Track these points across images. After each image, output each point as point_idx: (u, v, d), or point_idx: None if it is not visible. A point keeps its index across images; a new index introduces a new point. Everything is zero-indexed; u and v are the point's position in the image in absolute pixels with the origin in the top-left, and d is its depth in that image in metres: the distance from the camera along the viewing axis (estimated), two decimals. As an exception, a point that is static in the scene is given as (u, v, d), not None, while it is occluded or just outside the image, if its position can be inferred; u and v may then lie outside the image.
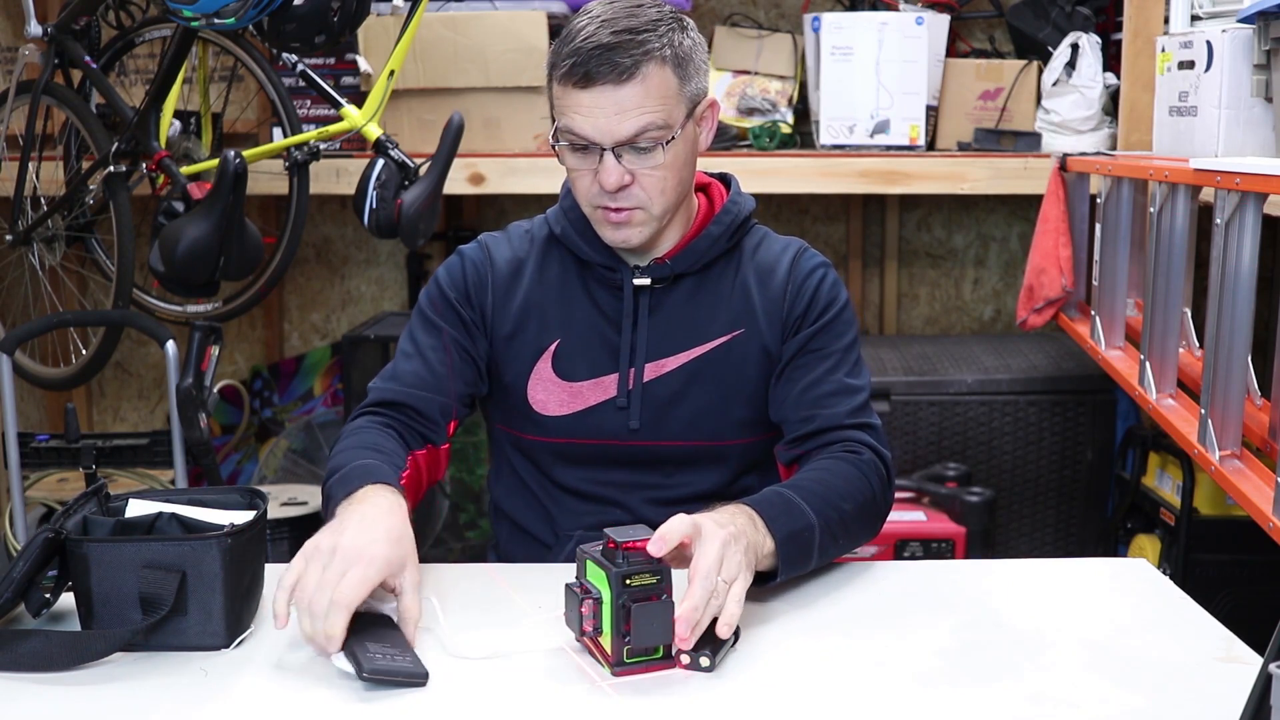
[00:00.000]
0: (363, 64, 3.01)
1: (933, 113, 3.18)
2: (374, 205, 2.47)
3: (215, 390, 2.58)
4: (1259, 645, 1.06)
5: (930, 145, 3.19)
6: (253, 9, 2.37)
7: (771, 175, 3.03)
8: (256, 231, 2.67)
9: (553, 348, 1.58)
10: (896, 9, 3.19)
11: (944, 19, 3.19)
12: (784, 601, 1.36)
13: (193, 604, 1.23)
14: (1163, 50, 2.47)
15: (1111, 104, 3.10)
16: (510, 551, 1.67)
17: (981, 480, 3.05)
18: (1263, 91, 2.17)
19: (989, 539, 2.94)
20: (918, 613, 1.35)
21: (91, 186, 2.85)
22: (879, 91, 3.09)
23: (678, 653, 1.20)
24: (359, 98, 2.84)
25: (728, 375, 1.57)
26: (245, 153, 2.56)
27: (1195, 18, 2.45)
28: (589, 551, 1.21)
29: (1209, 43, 2.23)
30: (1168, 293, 2.13)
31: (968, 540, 2.86)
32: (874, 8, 3.25)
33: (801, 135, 3.30)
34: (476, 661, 1.22)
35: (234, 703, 1.14)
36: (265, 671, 1.21)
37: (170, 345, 2.55)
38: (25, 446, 2.66)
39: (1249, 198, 1.80)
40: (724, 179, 1.67)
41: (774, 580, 1.35)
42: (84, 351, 2.97)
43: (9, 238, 3.02)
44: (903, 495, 2.97)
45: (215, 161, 2.59)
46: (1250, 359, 1.86)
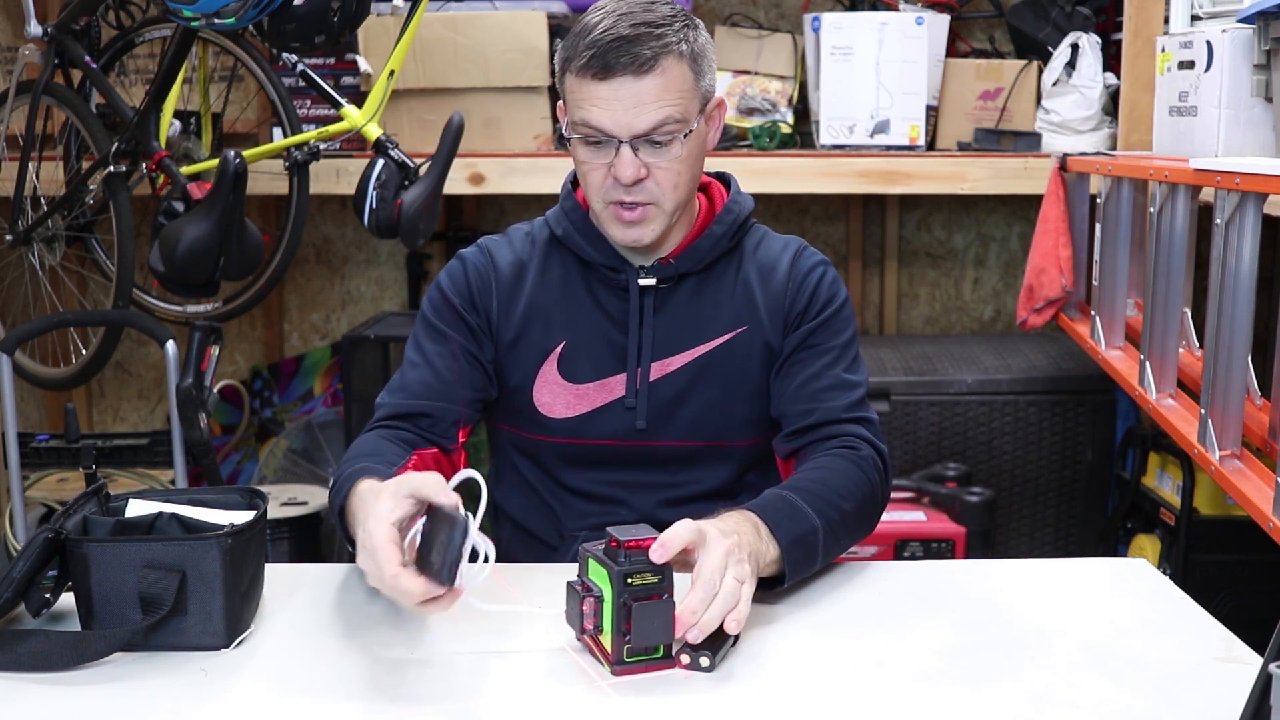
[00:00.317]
0: (363, 64, 3.01)
1: (933, 113, 3.18)
2: (374, 205, 2.47)
3: (215, 390, 2.58)
4: (1259, 645, 1.06)
5: (930, 145, 3.19)
6: (253, 9, 2.37)
7: (771, 175, 3.03)
8: (256, 231, 2.67)
9: (558, 350, 1.58)
10: (896, 9, 3.19)
11: (944, 19, 3.19)
12: (784, 602, 1.36)
13: (193, 604, 1.23)
14: (1163, 50, 2.47)
15: (1111, 104, 3.10)
16: (513, 553, 1.67)
17: (981, 480, 3.04)
18: (1263, 91, 2.17)
19: (989, 539, 2.94)
20: (918, 613, 1.35)
21: (91, 186, 2.85)
22: (879, 91, 3.09)
23: (678, 652, 1.20)
24: (359, 98, 2.84)
25: (731, 373, 1.58)
26: (245, 153, 2.56)
27: (1195, 18, 2.45)
28: (591, 550, 1.21)
29: (1209, 43, 2.23)
30: (1168, 293, 2.13)
31: (968, 540, 2.86)
32: (874, 8, 3.25)
33: (801, 135, 3.30)
34: (477, 661, 1.22)
35: (234, 703, 1.14)
36: (265, 671, 1.21)
37: (170, 345, 2.55)
38: (25, 446, 2.66)
39: (1249, 198, 1.80)
40: (723, 178, 1.67)
41: (781, 585, 1.35)
42: (84, 351, 2.97)
43: (9, 238, 3.02)
44: (903, 495, 2.97)
45: (215, 161, 2.59)
46: (1250, 359, 1.86)
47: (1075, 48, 3.07)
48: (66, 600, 1.28)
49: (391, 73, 2.63)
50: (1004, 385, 3.06)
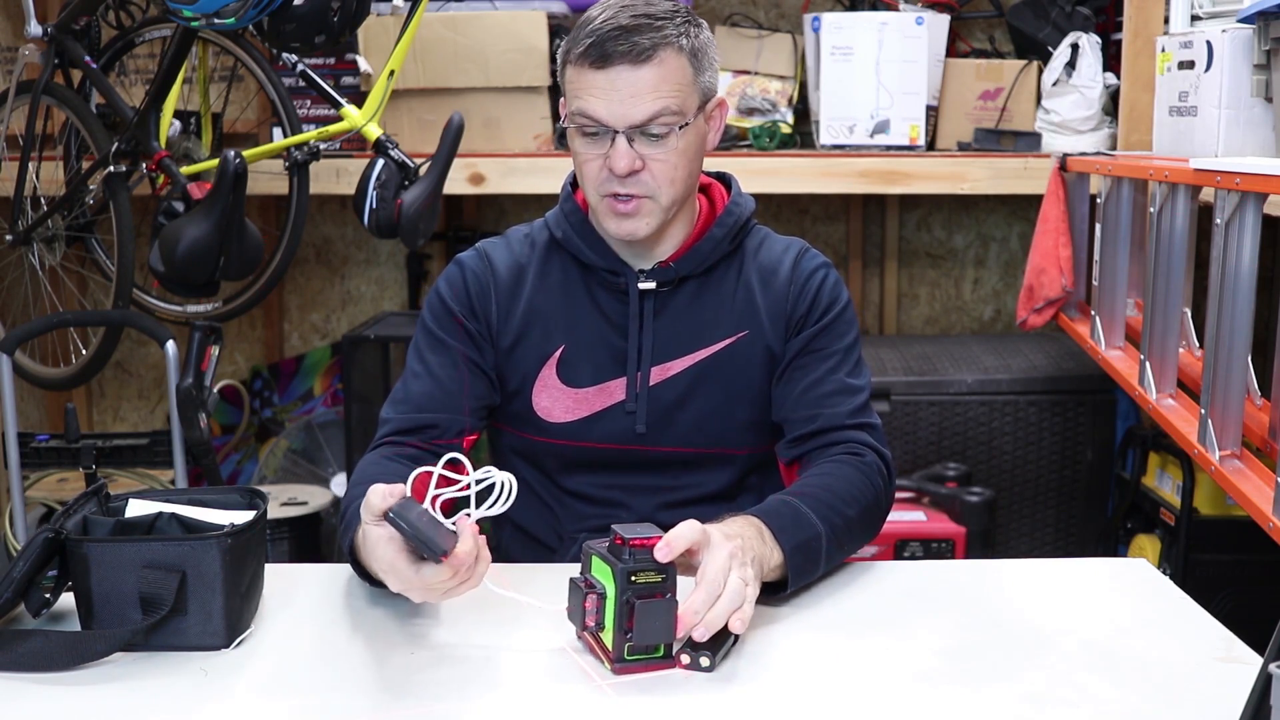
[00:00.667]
0: (363, 64, 3.01)
1: (933, 113, 3.18)
2: (374, 205, 2.47)
3: (215, 390, 2.59)
4: (1259, 645, 1.06)
5: (930, 145, 3.19)
6: (253, 9, 2.37)
7: (771, 175, 3.03)
8: (256, 231, 2.67)
9: (557, 354, 1.57)
10: (896, 9, 3.19)
11: (944, 19, 3.19)
12: (785, 602, 1.36)
13: (193, 604, 1.23)
14: (1163, 50, 2.47)
15: (1111, 104, 3.10)
16: (513, 554, 1.67)
17: (981, 480, 3.05)
18: (1263, 91, 2.17)
19: (989, 539, 2.94)
20: (918, 613, 1.35)
21: (91, 186, 2.85)
22: (879, 91, 3.09)
23: (678, 652, 1.20)
24: (359, 98, 2.84)
25: (733, 377, 1.57)
26: (245, 153, 2.56)
27: (1195, 18, 2.45)
28: (594, 547, 1.21)
29: (1209, 43, 2.23)
30: (1168, 293, 2.13)
31: (968, 540, 2.86)
32: (874, 8, 3.25)
33: (801, 135, 3.30)
34: (477, 661, 1.22)
35: (234, 703, 1.14)
36: (265, 671, 1.21)
37: (170, 345, 2.55)
38: (25, 446, 2.66)
39: (1249, 198, 1.80)
40: (723, 179, 1.66)
41: (784, 591, 1.35)
42: (84, 351, 2.97)
43: (9, 238, 3.02)
44: (903, 495, 2.97)
45: (215, 161, 2.59)
46: (1250, 359, 1.86)
47: (1075, 48, 3.07)
48: (66, 600, 1.28)
49: (391, 73, 2.63)
50: (1004, 385, 3.06)
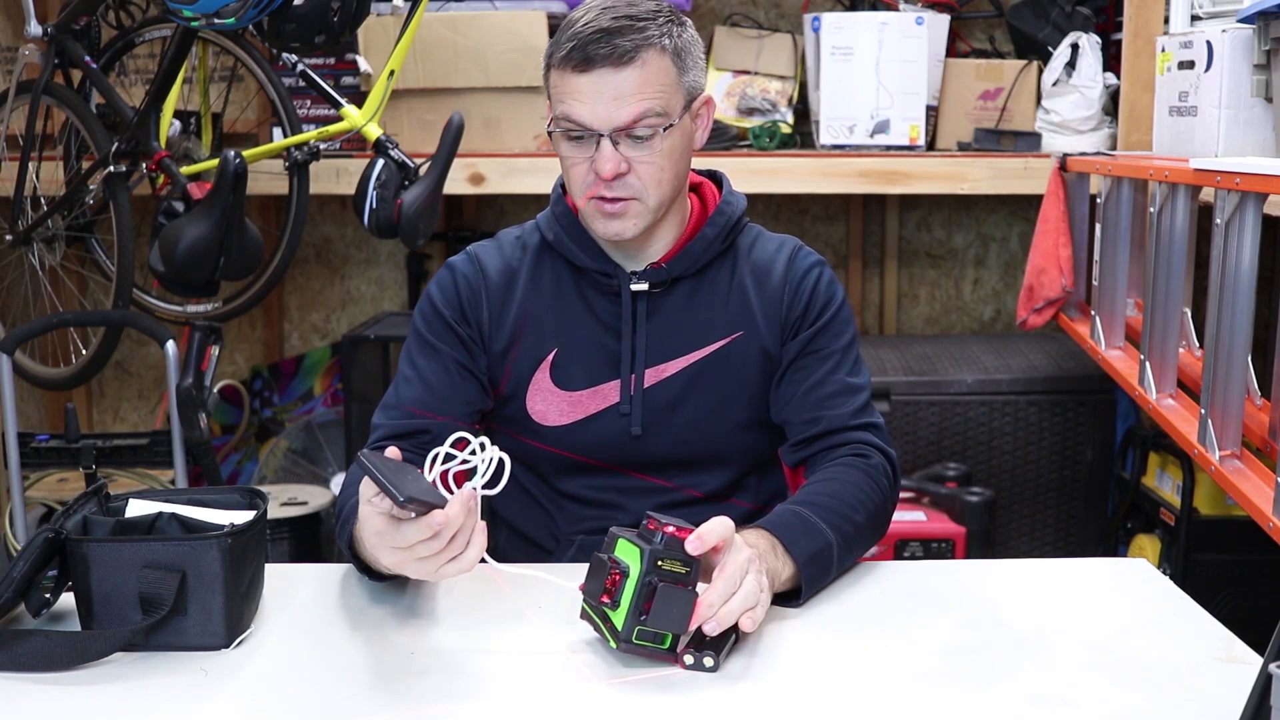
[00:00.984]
0: (363, 64, 3.01)
1: (933, 113, 3.18)
2: (374, 205, 2.47)
3: (215, 390, 2.59)
4: (1259, 645, 1.06)
5: (930, 145, 3.19)
6: (253, 9, 2.37)
7: (771, 175, 3.02)
8: (256, 231, 2.67)
9: (550, 357, 1.56)
10: (896, 9, 3.19)
11: (944, 19, 3.19)
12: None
13: (193, 604, 1.23)
14: (1163, 50, 2.47)
15: (1111, 104, 3.10)
16: (509, 555, 1.66)
17: (981, 480, 3.05)
18: (1263, 91, 2.17)
19: (989, 539, 2.94)
20: (918, 613, 1.35)
21: (91, 186, 2.85)
22: (879, 91, 3.09)
23: (681, 650, 1.20)
24: (359, 98, 2.84)
25: (728, 378, 1.57)
26: (245, 153, 2.56)
27: (1195, 18, 2.45)
28: (622, 531, 1.22)
29: (1209, 43, 2.23)
30: (1168, 293, 2.13)
31: (968, 540, 2.86)
32: (874, 8, 3.25)
33: (801, 135, 3.30)
34: (479, 661, 1.22)
35: (234, 703, 1.14)
36: (265, 671, 1.21)
37: (170, 345, 2.55)
38: (25, 446, 2.66)
39: (1249, 198, 1.80)
40: (714, 177, 1.65)
41: (797, 601, 1.35)
42: (84, 351, 2.97)
43: (9, 238, 3.02)
44: (903, 495, 2.96)
45: (215, 161, 2.59)
46: (1250, 359, 1.86)
47: (1075, 48, 3.07)
48: (66, 600, 1.28)
49: (391, 73, 2.63)
50: (1004, 385, 3.06)
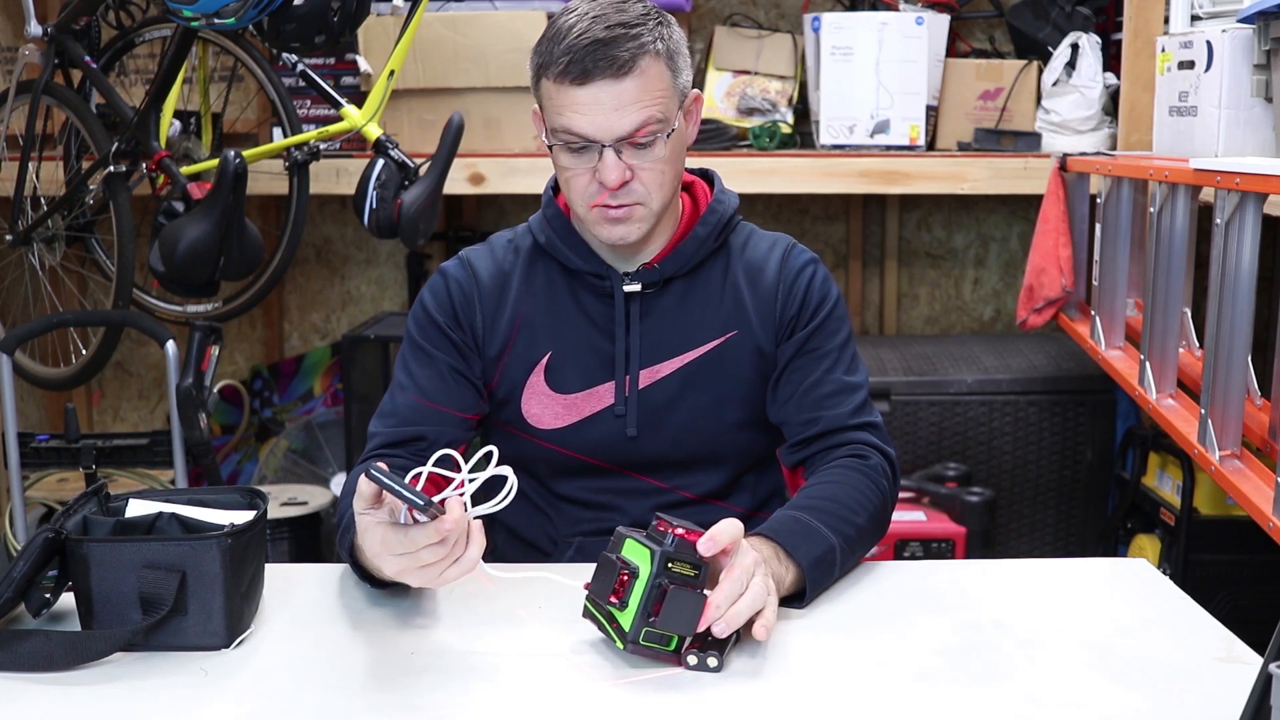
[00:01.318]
0: (363, 64, 3.01)
1: (933, 113, 3.18)
2: (374, 205, 2.47)
3: (215, 390, 2.58)
4: (1259, 645, 1.06)
5: (930, 145, 3.19)
6: (253, 9, 2.37)
7: (771, 175, 3.03)
8: (256, 231, 2.67)
9: (544, 361, 1.56)
10: (896, 9, 3.19)
11: (944, 19, 3.19)
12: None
13: (193, 604, 1.23)
14: (1163, 50, 2.47)
15: (1111, 104, 3.10)
16: (507, 558, 1.66)
17: (981, 480, 3.05)
18: (1263, 91, 2.17)
19: (989, 539, 2.94)
20: (918, 613, 1.35)
21: (91, 186, 2.85)
22: (879, 91, 3.09)
23: (685, 650, 1.20)
24: (359, 98, 2.84)
25: (722, 378, 1.57)
26: (245, 153, 2.56)
27: (1195, 18, 2.45)
28: (629, 532, 1.22)
29: (1209, 43, 2.23)
30: (1168, 293, 2.13)
31: (968, 540, 2.86)
32: (874, 8, 3.25)
33: (801, 135, 3.30)
34: (482, 662, 1.22)
35: (234, 703, 1.14)
36: (265, 671, 1.21)
37: (170, 345, 2.55)
38: (25, 446, 2.66)
39: (1249, 198, 1.80)
40: (706, 175, 1.65)
41: (800, 604, 1.35)
42: (84, 351, 2.97)
43: (9, 238, 3.02)
44: (903, 495, 2.97)
45: (215, 161, 2.59)
46: (1250, 359, 1.86)
47: (1075, 48, 3.07)
48: (66, 600, 1.28)
49: (391, 73, 2.63)
50: (1004, 385, 3.06)
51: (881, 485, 1.50)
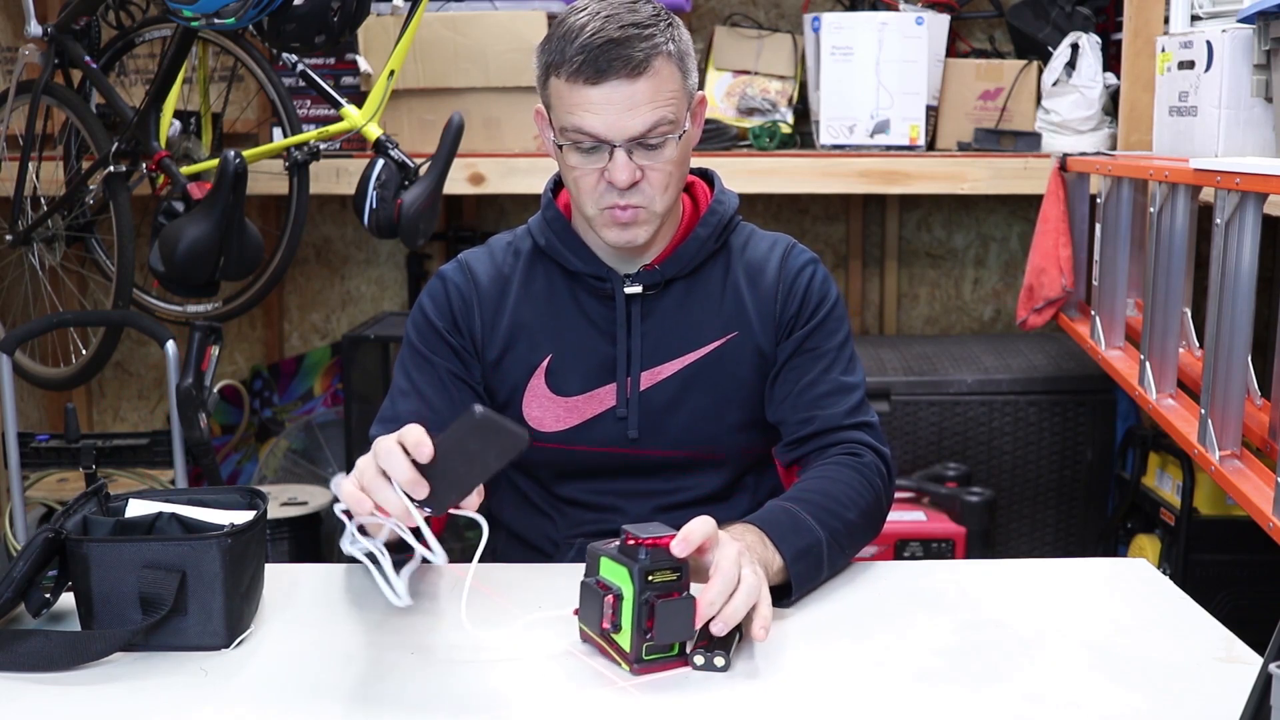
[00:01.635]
0: (363, 64, 3.01)
1: (933, 113, 3.18)
2: (374, 205, 2.47)
3: (215, 390, 2.58)
4: (1259, 645, 1.06)
5: (930, 145, 3.19)
6: (253, 9, 2.37)
7: (771, 175, 3.03)
8: (256, 231, 2.67)
9: (545, 364, 1.56)
10: (896, 9, 3.19)
11: (944, 19, 3.19)
12: (789, 608, 1.36)
13: (193, 604, 1.23)
14: (1163, 50, 2.47)
15: (1111, 104, 3.10)
16: (508, 559, 1.65)
17: (981, 480, 3.05)
18: (1263, 91, 2.17)
19: (989, 539, 2.94)
20: (918, 613, 1.34)
21: (91, 186, 2.85)
22: (879, 91, 3.09)
23: (692, 651, 1.20)
24: (359, 98, 2.84)
25: (723, 379, 1.56)
26: (245, 153, 2.56)
27: (1195, 18, 2.45)
28: (602, 549, 1.20)
29: (1209, 43, 2.23)
30: (1168, 293, 2.13)
31: (968, 540, 2.86)
32: (874, 8, 3.25)
33: (801, 135, 3.30)
34: (484, 663, 1.22)
35: (234, 703, 1.14)
36: (265, 671, 1.20)
37: (170, 345, 2.55)
38: (25, 446, 2.66)
39: (1249, 198, 1.80)
40: (705, 176, 1.65)
41: (789, 599, 1.34)
42: (84, 351, 2.97)
43: (9, 238, 3.02)
44: (903, 495, 2.97)
45: (215, 161, 2.59)
46: (1250, 359, 1.86)
47: (1075, 48, 3.07)
48: (66, 600, 1.28)
49: (391, 73, 2.63)
50: (1004, 385, 3.06)
51: (875, 483, 1.49)
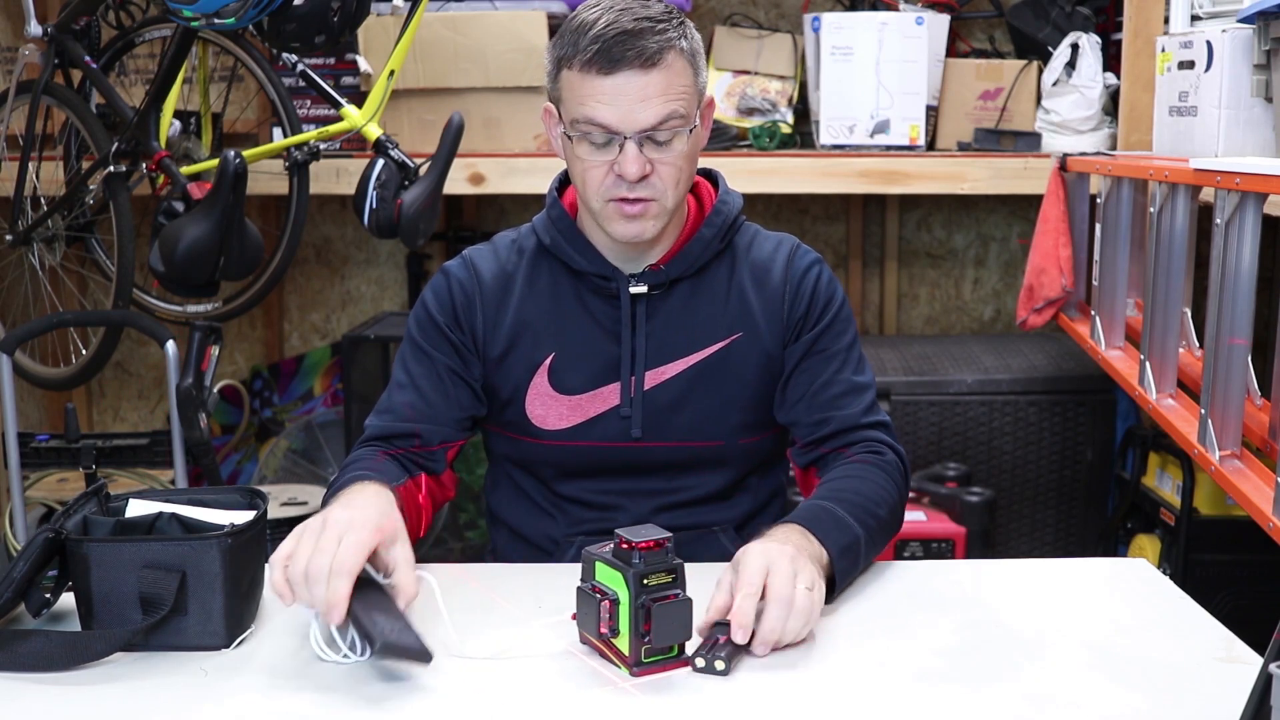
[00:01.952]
0: (363, 64, 3.01)
1: (933, 113, 3.18)
2: (374, 205, 2.47)
3: (215, 390, 2.58)
4: (1259, 645, 1.06)
5: (930, 145, 3.19)
6: (253, 9, 2.37)
7: (771, 175, 3.02)
8: (256, 231, 2.67)
9: (548, 362, 1.56)
10: (896, 9, 3.19)
11: (944, 19, 3.19)
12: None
13: (193, 604, 1.23)
14: (1163, 50, 2.47)
15: (1111, 104, 3.10)
16: (510, 557, 1.66)
17: (981, 480, 3.04)
18: (1263, 91, 2.17)
19: (989, 539, 2.94)
20: (918, 613, 1.35)
21: (91, 186, 2.85)
22: (879, 91, 3.09)
23: (695, 652, 1.19)
24: (359, 98, 2.84)
25: (728, 380, 1.57)
26: (245, 153, 2.56)
27: (1195, 18, 2.45)
28: (597, 553, 1.20)
29: (1209, 43, 2.23)
30: (1168, 293, 2.13)
31: (968, 540, 2.86)
32: (874, 8, 3.25)
33: (801, 135, 3.30)
34: (485, 663, 1.22)
35: (234, 703, 1.14)
36: (265, 671, 1.21)
37: (170, 345, 2.55)
38: (25, 446, 2.66)
39: (1249, 198, 1.80)
40: (710, 176, 1.65)
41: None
42: (84, 351, 2.97)
43: (9, 238, 3.02)
44: (903, 495, 2.97)
45: (215, 161, 2.59)
46: (1250, 359, 1.86)
47: (1075, 48, 3.07)
48: (66, 600, 1.29)
49: (391, 73, 2.63)
50: (1004, 385, 3.06)
51: (898, 481, 1.51)
